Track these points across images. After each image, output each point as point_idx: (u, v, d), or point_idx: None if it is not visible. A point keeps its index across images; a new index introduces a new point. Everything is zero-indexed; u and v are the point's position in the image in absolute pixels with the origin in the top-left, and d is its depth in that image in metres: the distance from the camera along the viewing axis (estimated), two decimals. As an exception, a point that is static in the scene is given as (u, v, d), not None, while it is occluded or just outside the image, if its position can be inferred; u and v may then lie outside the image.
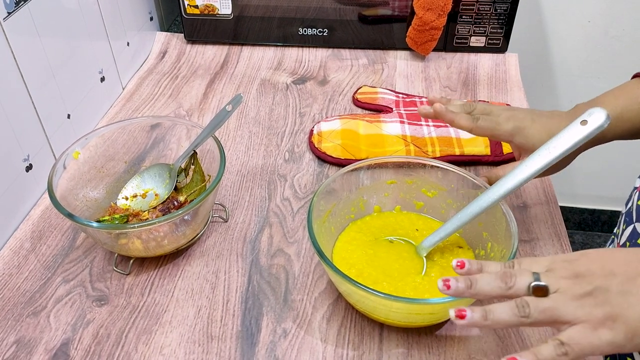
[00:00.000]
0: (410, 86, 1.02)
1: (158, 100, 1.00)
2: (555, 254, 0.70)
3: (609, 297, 0.44)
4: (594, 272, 0.45)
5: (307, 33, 1.11)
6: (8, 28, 0.71)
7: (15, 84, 0.73)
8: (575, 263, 0.47)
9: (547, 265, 0.47)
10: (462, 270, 0.50)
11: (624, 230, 0.66)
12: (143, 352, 0.61)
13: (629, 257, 0.46)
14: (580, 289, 0.45)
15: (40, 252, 0.72)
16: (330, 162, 0.85)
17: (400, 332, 0.62)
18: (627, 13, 1.41)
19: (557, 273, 0.46)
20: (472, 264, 0.50)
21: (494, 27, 1.06)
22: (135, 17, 1.06)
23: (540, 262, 0.48)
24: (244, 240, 0.73)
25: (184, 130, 0.78)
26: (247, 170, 0.84)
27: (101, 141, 0.75)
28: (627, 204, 0.68)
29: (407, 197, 0.72)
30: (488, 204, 0.61)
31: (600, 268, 0.46)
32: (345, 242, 0.68)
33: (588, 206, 1.84)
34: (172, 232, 0.67)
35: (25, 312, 0.65)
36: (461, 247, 0.67)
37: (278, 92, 1.01)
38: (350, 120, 0.90)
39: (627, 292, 0.44)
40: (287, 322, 0.63)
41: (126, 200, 0.74)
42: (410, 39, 1.06)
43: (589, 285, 0.45)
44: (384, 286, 0.62)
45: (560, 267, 0.47)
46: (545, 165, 0.60)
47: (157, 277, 0.69)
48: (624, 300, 0.44)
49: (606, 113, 0.58)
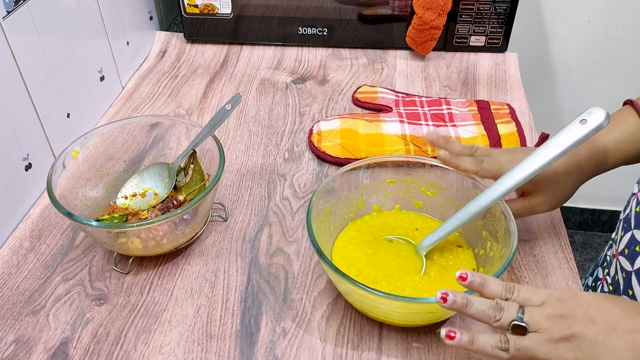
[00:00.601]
0: (410, 86, 1.02)
1: (157, 99, 0.99)
2: (555, 253, 0.70)
3: (583, 345, 0.47)
4: (576, 317, 0.48)
5: (306, 32, 1.11)
6: (7, 27, 0.71)
7: (15, 83, 0.73)
8: (564, 303, 0.49)
9: (543, 299, 0.49)
10: (464, 282, 0.51)
11: (622, 237, 0.66)
12: (142, 351, 0.61)
13: (613, 310, 0.48)
14: (559, 332, 0.47)
15: (39, 251, 0.72)
16: (329, 162, 0.85)
17: (399, 331, 0.62)
18: (627, 13, 1.41)
19: (545, 310, 0.48)
20: (475, 278, 0.51)
21: (494, 26, 1.06)
22: (134, 17, 1.06)
23: (539, 294, 0.50)
24: (243, 240, 0.73)
25: (183, 129, 0.78)
26: (247, 170, 0.84)
27: (100, 140, 0.74)
28: (625, 210, 0.68)
29: (406, 197, 0.72)
30: (487, 203, 0.61)
31: (584, 314, 0.48)
32: (345, 242, 0.68)
33: (588, 206, 1.84)
34: (171, 231, 0.67)
35: (25, 311, 0.65)
36: (460, 246, 0.67)
37: (278, 92, 1.01)
38: (350, 120, 0.90)
39: (601, 342, 0.47)
40: (287, 321, 0.63)
41: (125, 200, 0.74)
42: (410, 39, 1.06)
43: (567, 330, 0.47)
44: (383, 285, 0.62)
45: (552, 304, 0.49)
46: (545, 165, 0.60)
47: (156, 276, 0.69)
48: (596, 349, 0.46)
49: (605, 112, 0.58)
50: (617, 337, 0.47)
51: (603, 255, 0.79)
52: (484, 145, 0.84)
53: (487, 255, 0.64)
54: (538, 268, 0.68)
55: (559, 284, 0.66)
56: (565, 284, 0.66)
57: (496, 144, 0.84)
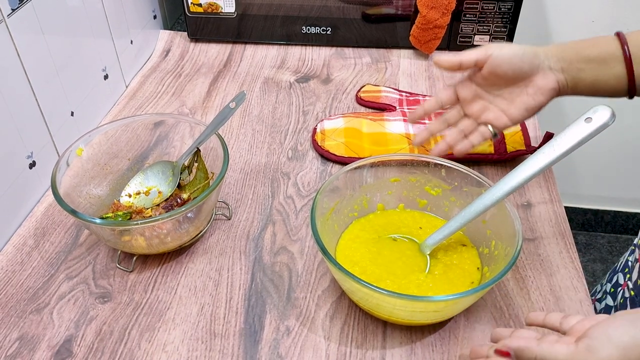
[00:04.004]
0: (413, 85, 1.02)
1: (161, 98, 1.00)
2: (559, 253, 0.70)
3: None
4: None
5: (310, 31, 1.11)
6: (12, 25, 0.71)
7: (19, 81, 0.73)
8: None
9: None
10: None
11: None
12: (146, 349, 0.60)
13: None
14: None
15: (43, 249, 0.72)
16: (333, 160, 0.84)
17: (403, 330, 0.62)
18: (632, 13, 1.40)
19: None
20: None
21: (498, 26, 1.06)
22: (138, 16, 1.06)
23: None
24: (247, 238, 0.73)
25: (187, 127, 0.78)
26: (251, 168, 0.84)
27: (104, 138, 0.75)
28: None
29: (410, 195, 0.72)
30: (492, 202, 0.61)
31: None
32: (349, 240, 0.68)
33: (591, 207, 1.83)
34: (175, 230, 0.67)
35: (29, 309, 0.65)
36: (465, 245, 0.67)
37: (281, 91, 1.01)
38: (354, 119, 0.90)
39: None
40: (290, 319, 0.63)
41: (129, 198, 0.74)
42: (414, 38, 1.06)
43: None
44: (388, 284, 0.61)
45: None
46: (550, 163, 0.59)
47: (160, 274, 0.69)
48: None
49: (611, 110, 0.58)
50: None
51: (623, 260, 0.78)
52: (489, 144, 0.83)
53: (491, 254, 0.64)
54: (543, 267, 0.68)
55: (564, 283, 0.66)
56: (570, 283, 0.66)
57: (500, 143, 0.84)
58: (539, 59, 0.66)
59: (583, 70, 0.65)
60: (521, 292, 0.66)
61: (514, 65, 0.66)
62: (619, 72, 0.64)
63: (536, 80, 0.67)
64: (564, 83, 0.67)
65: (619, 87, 0.65)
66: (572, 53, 0.66)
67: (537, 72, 0.67)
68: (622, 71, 0.64)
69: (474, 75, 0.70)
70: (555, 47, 0.67)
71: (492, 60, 0.67)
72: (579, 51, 0.66)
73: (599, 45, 0.65)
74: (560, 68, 0.66)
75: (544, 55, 0.67)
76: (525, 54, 0.66)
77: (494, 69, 0.67)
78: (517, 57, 0.66)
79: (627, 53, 0.63)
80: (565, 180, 1.71)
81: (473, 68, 0.69)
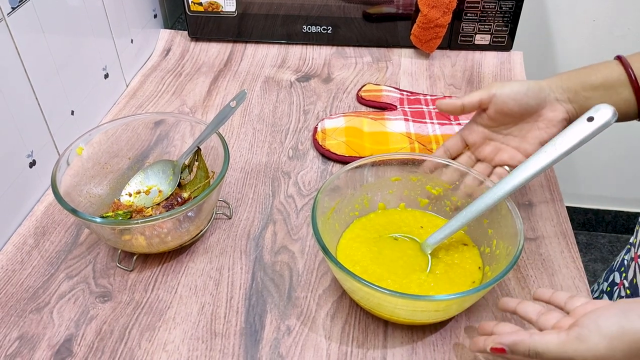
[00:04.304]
0: (414, 84, 1.02)
1: (162, 97, 0.99)
2: (561, 252, 0.70)
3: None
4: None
5: (311, 31, 1.11)
6: (12, 24, 0.70)
7: (19, 80, 0.73)
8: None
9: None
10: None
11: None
12: (146, 348, 0.60)
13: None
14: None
15: (43, 248, 0.71)
16: (334, 160, 0.84)
17: (404, 329, 0.62)
18: (633, 12, 1.40)
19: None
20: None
21: (499, 25, 1.06)
22: (139, 14, 1.06)
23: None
24: (247, 237, 0.73)
25: (187, 126, 0.78)
26: (251, 167, 0.84)
27: (105, 137, 0.74)
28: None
29: (411, 194, 0.72)
30: (493, 201, 0.61)
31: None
32: (350, 239, 0.68)
33: (592, 206, 1.83)
34: (175, 229, 0.66)
35: (29, 308, 0.64)
36: (466, 244, 0.67)
37: (282, 90, 1.01)
38: (355, 118, 0.89)
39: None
40: (291, 319, 0.63)
41: (130, 197, 0.74)
42: (414, 37, 1.06)
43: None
44: (389, 283, 0.61)
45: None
46: (551, 162, 0.59)
47: (160, 273, 0.68)
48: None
49: (613, 109, 0.58)
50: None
51: (620, 259, 0.78)
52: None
53: (493, 253, 0.64)
54: (544, 267, 0.68)
55: (566, 283, 0.66)
56: (572, 283, 0.66)
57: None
58: (544, 92, 0.66)
59: (590, 99, 0.65)
60: (522, 291, 0.65)
61: (520, 102, 0.66)
62: (627, 96, 0.64)
63: (545, 114, 0.66)
64: (574, 112, 0.66)
65: (629, 111, 0.65)
66: (577, 82, 0.65)
67: (544, 105, 0.66)
68: (630, 95, 0.64)
69: (479, 117, 0.70)
70: (558, 78, 0.67)
71: (497, 99, 0.66)
72: (583, 80, 0.65)
73: (602, 72, 0.65)
74: (567, 98, 0.66)
75: (549, 88, 0.66)
76: (530, 89, 0.66)
77: (501, 107, 0.67)
78: (521, 93, 0.66)
79: (632, 76, 0.63)
80: (566, 179, 1.71)
81: (477, 110, 0.69)
